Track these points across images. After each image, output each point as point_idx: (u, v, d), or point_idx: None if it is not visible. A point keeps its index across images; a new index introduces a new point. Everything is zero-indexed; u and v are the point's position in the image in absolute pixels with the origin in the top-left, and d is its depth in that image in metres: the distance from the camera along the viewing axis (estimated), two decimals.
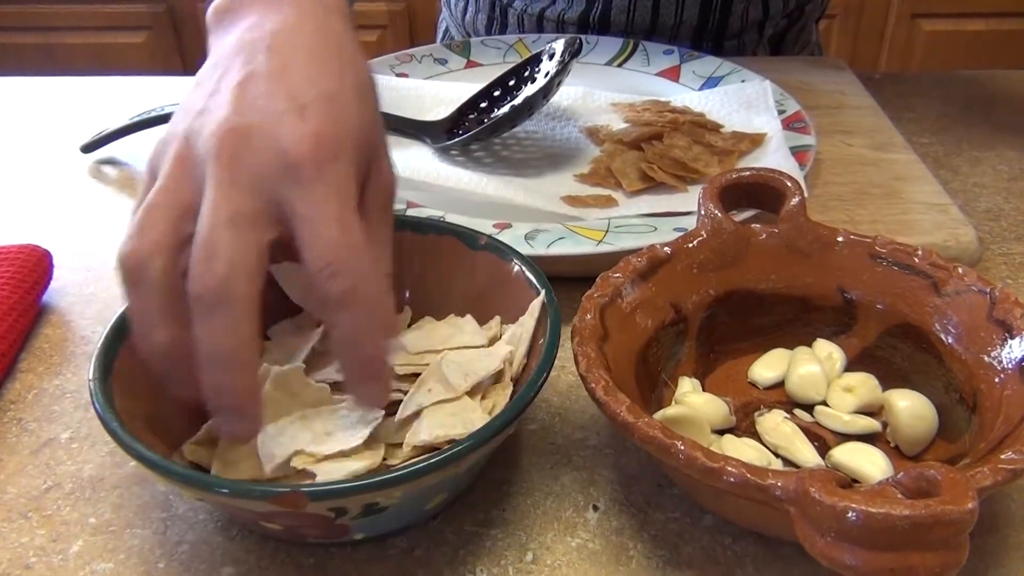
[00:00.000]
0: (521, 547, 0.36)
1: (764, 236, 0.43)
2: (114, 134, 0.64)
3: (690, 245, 0.43)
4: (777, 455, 0.38)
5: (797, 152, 0.56)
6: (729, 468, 0.30)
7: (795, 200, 0.44)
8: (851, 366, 0.42)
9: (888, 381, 0.41)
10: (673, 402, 0.40)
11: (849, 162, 0.61)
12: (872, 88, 0.71)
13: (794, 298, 0.43)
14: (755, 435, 0.39)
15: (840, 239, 0.43)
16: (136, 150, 0.66)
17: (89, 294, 0.51)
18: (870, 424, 0.39)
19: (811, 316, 0.43)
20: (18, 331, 0.46)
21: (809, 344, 0.43)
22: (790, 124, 0.60)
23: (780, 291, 0.43)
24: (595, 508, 0.38)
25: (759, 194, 0.45)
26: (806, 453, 0.38)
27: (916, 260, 0.41)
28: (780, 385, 0.42)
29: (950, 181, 0.61)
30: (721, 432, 0.39)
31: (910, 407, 0.38)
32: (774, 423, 0.39)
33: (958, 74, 0.77)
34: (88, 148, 0.65)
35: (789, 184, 0.44)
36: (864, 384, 0.40)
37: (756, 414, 0.40)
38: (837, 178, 0.59)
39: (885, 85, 0.73)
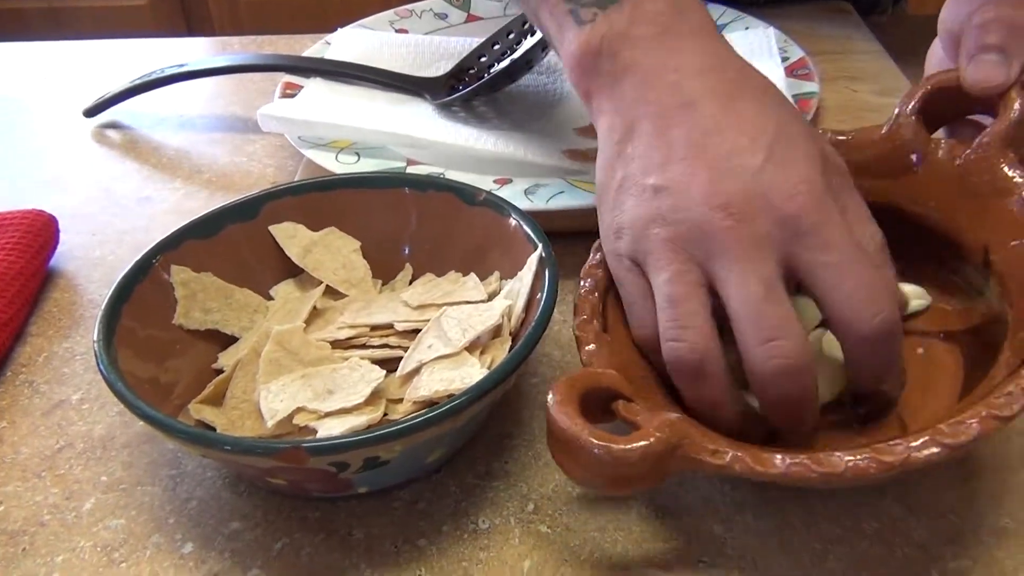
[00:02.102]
0: (523, 498, 0.37)
1: (943, 156, 0.38)
2: (116, 97, 0.64)
3: (859, 142, 0.39)
4: None
5: (800, 100, 0.56)
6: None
7: (1003, 127, 0.36)
8: None
9: None
10: None
11: (854, 108, 0.60)
12: (879, 32, 0.69)
13: (944, 235, 0.38)
14: None
15: (1019, 194, 0.35)
16: (139, 113, 0.66)
17: (96, 258, 0.52)
18: None
19: (953, 263, 0.38)
20: (26, 296, 0.47)
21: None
22: (793, 71, 0.60)
23: (934, 222, 0.38)
24: None
25: (969, 101, 0.39)
26: None
27: None
28: None
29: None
30: None
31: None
32: None
33: None
34: (91, 112, 0.65)
35: (1013, 106, 0.37)
36: None
37: None
38: (842, 125, 0.58)
39: (892, 28, 0.72)
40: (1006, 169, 0.36)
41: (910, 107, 0.39)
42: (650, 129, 0.36)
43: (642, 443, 0.30)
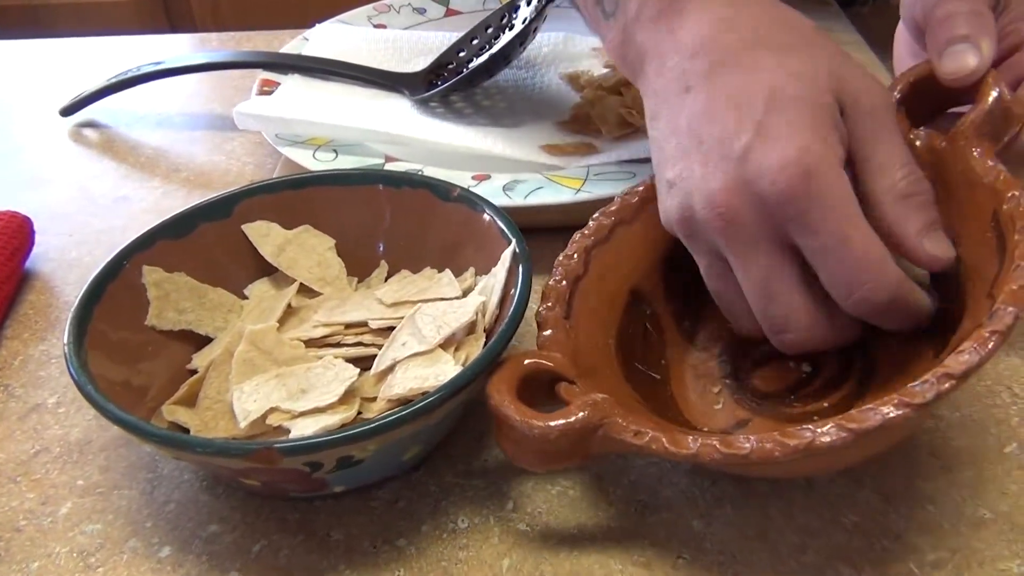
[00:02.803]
0: (502, 496, 0.36)
1: (920, 147, 0.37)
2: (93, 96, 0.64)
3: None
4: None
5: None
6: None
7: (973, 117, 0.36)
8: None
9: None
10: None
11: None
12: (859, 23, 0.69)
13: None
14: None
15: (986, 180, 0.34)
16: (116, 111, 0.66)
17: (72, 259, 0.51)
18: None
19: None
20: (2, 298, 0.46)
21: None
22: None
23: None
24: None
25: (951, 96, 0.38)
26: None
27: None
28: None
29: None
30: None
31: None
32: None
33: None
34: (67, 111, 0.64)
35: (988, 93, 0.36)
36: None
37: None
38: None
39: (872, 19, 0.72)
40: (976, 159, 0.35)
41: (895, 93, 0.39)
42: (665, 117, 0.37)
43: (561, 421, 0.31)
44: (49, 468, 0.39)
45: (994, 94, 0.36)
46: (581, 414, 0.32)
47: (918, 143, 0.38)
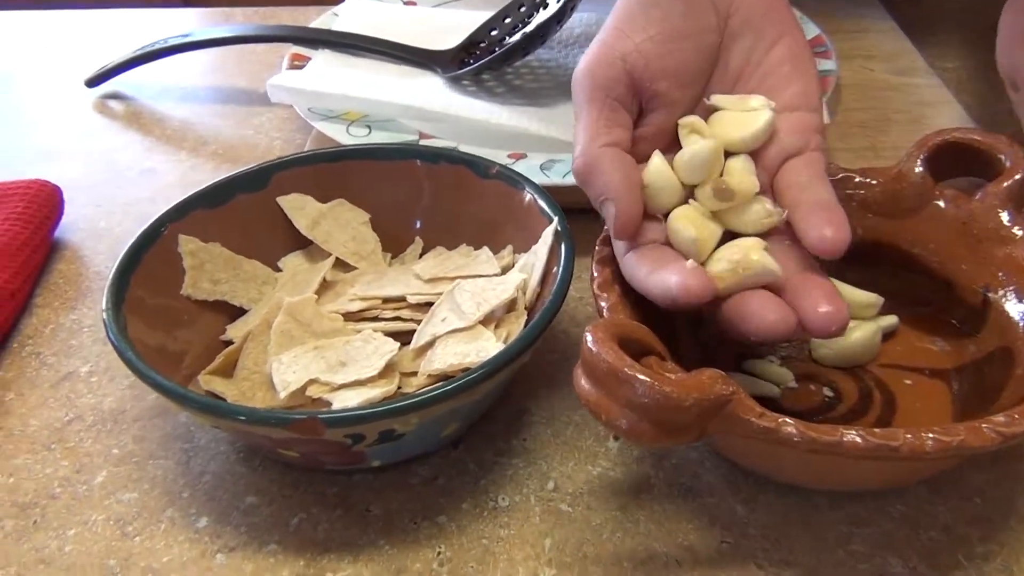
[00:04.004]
0: (542, 475, 0.36)
1: (946, 205, 0.39)
2: (118, 68, 0.63)
3: (866, 180, 0.40)
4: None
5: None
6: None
7: (1008, 183, 0.38)
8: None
9: None
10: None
11: (871, 87, 0.59)
12: (894, 11, 0.68)
13: (940, 279, 0.39)
14: None
15: (1020, 235, 0.37)
16: (141, 84, 0.65)
17: (101, 229, 0.51)
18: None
19: (944, 304, 0.39)
20: (32, 266, 0.46)
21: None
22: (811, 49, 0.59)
23: (931, 265, 0.39)
24: (615, 438, 0.37)
25: (973, 159, 0.40)
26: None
27: None
28: None
29: (974, 107, 0.59)
30: None
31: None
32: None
33: None
34: (93, 82, 0.64)
35: (1009, 161, 0.38)
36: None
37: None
38: (858, 104, 0.58)
39: (907, 7, 0.71)
40: (1008, 220, 0.38)
41: (921, 153, 0.40)
42: None
43: (696, 389, 0.28)
44: (83, 436, 0.38)
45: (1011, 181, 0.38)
46: (718, 385, 0.28)
47: (943, 201, 0.39)
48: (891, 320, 0.40)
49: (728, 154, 0.35)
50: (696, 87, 0.36)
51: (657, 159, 0.34)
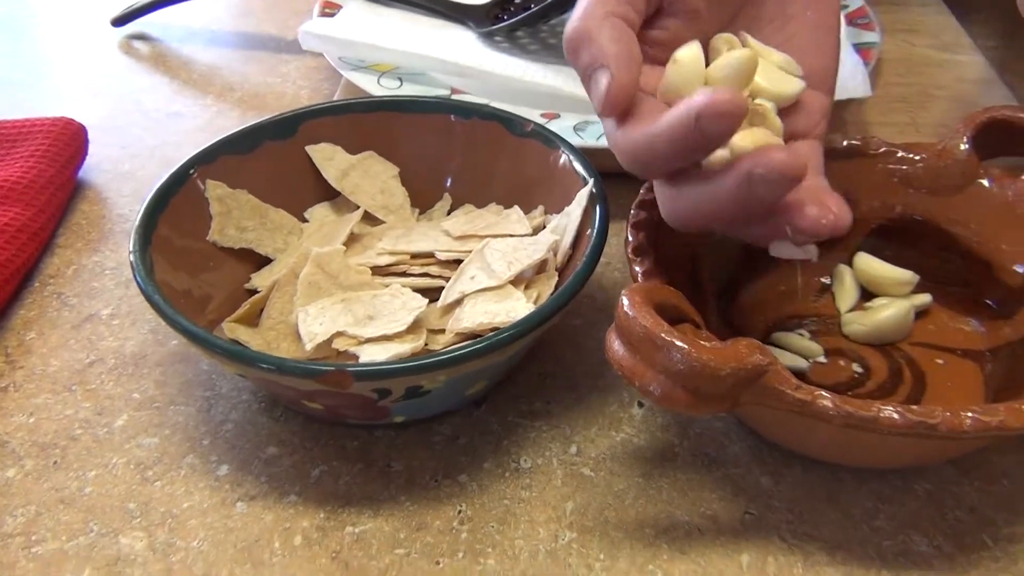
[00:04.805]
0: (565, 439, 0.36)
1: (991, 184, 0.38)
2: (145, 7, 0.62)
3: (909, 155, 0.39)
4: None
5: (861, 49, 0.54)
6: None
7: None
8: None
9: None
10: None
11: (913, 62, 0.58)
12: None
13: (980, 259, 0.38)
14: None
15: None
16: (167, 25, 0.64)
17: (125, 171, 0.50)
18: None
19: (982, 285, 0.38)
20: (55, 205, 0.45)
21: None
22: (853, 20, 0.57)
23: (971, 244, 0.38)
24: (640, 404, 0.37)
25: (1021, 138, 0.39)
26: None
27: None
28: None
29: (1018, 86, 0.58)
30: None
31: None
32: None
33: None
34: (118, 21, 0.63)
35: None
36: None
37: None
38: (900, 79, 0.56)
39: None
40: None
41: (966, 131, 0.39)
42: None
43: (733, 358, 0.27)
44: (104, 379, 0.38)
45: None
46: (755, 355, 0.28)
47: (986, 179, 0.39)
48: (925, 298, 0.39)
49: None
50: (725, 8, 0.34)
51: (694, 45, 0.31)
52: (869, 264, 0.40)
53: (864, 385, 0.37)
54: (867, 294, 0.40)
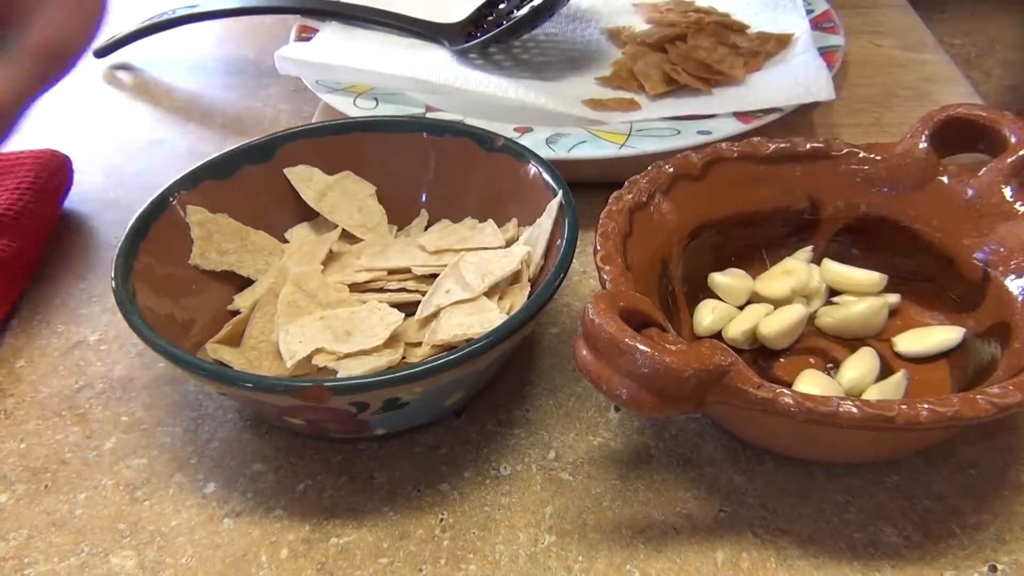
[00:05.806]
0: (544, 445, 0.36)
1: (950, 181, 0.39)
2: (127, 38, 0.63)
3: (871, 155, 0.40)
4: None
5: (825, 52, 0.55)
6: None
7: (1012, 159, 0.38)
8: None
9: None
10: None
11: (878, 63, 0.59)
12: None
13: (942, 255, 0.39)
14: None
15: (1022, 210, 0.37)
16: (149, 54, 0.65)
17: (110, 200, 0.51)
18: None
19: (945, 280, 0.39)
20: (43, 236, 0.46)
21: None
22: (818, 24, 0.58)
23: (934, 240, 0.39)
24: (616, 409, 0.38)
25: (978, 135, 0.40)
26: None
27: None
28: None
29: (982, 83, 0.59)
30: None
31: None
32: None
33: None
34: (101, 52, 0.64)
35: (1014, 137, 0.38)
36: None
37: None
38: (865, 80, 0.57)
39: None
40: (1011, 195, 0.38)
41: (924, 130, 0.40)
42: None
43: (695, 360, 0.28)
44: (93, 403, 0.39)
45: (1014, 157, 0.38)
46: (717, 356, 0.29)
47: (946, 177, 0.40)
48: (894, 298, 0.40)
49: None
50: None
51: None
52: (838, 270, 0.40)
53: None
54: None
